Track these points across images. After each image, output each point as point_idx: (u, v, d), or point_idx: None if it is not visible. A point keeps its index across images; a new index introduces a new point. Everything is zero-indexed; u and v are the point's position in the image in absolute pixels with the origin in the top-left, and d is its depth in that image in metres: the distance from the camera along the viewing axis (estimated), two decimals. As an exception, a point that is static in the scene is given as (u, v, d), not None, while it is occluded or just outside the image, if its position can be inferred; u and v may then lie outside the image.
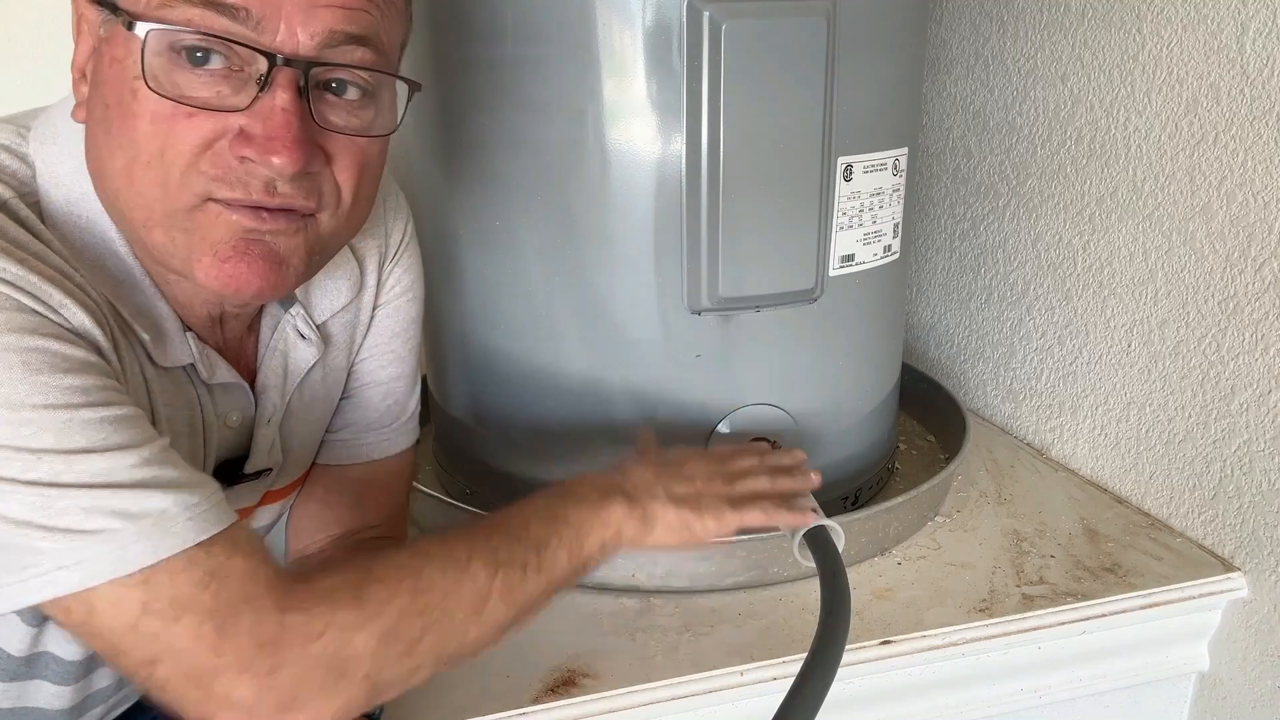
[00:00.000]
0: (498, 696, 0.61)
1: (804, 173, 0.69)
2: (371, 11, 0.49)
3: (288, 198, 0.48)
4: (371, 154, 0.52)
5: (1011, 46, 0.94)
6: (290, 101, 0.46)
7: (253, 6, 0.45)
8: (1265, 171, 0.70)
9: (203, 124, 0.46)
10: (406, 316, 0.68)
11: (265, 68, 0.46)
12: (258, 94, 0.46)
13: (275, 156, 0.46)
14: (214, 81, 0.46)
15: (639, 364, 0.72)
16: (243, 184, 0.47)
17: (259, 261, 0.49)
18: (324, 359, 0.63)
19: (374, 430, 0.68)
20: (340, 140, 0.50)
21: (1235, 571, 0.74)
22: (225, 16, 0.45)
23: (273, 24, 0.46)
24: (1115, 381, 0.86)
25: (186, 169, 0.46)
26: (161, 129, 0.46)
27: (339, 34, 0.47)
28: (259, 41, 0.46)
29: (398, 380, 0.68)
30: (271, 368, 0.60)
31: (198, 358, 0.53)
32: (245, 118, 0.46)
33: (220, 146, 0.46)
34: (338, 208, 0.51)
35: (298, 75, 0.46)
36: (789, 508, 0.63)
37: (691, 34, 0.64)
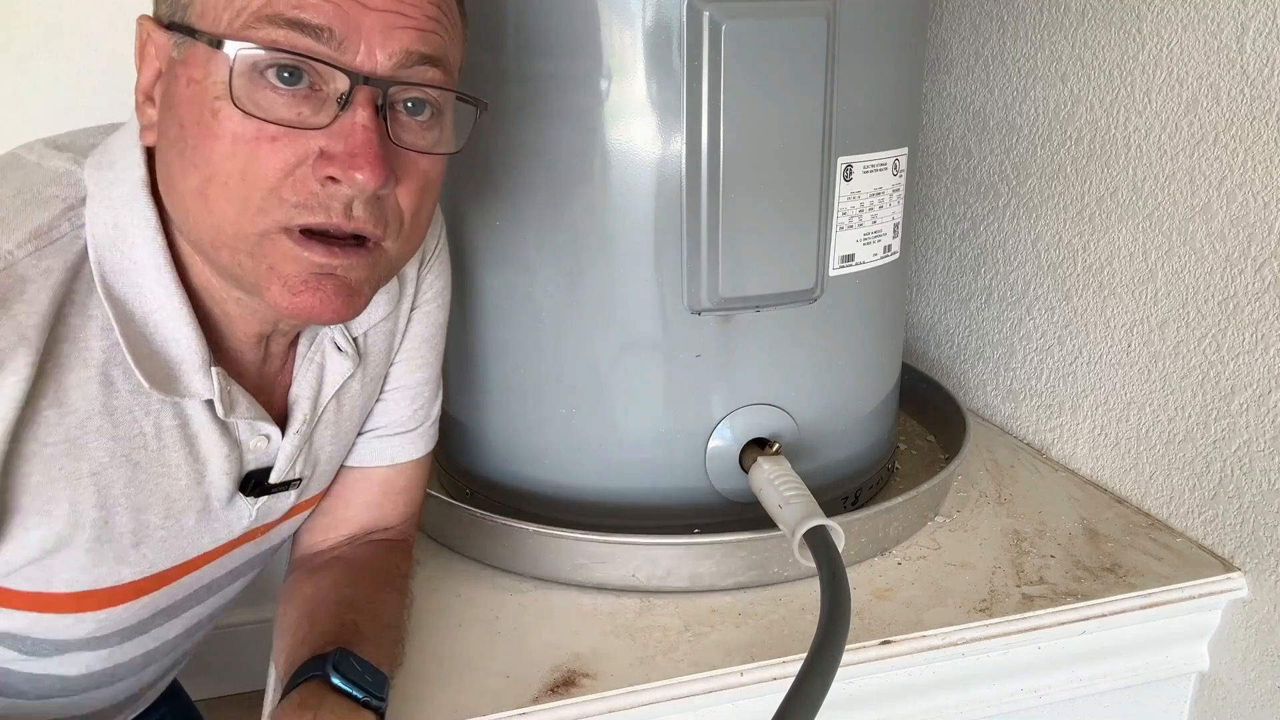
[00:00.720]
0: (498, 696, 0.61)
1: (804, 173, 0.69)
2: (441, 33, 0.51)
3: (360, 222, 0.49)
4: (433, 175, 0.53)
5: (1011, 46, 0.94)
6: (370, 119, 0.47)
7: (336, 27, 0.46)
8: (1265, 171, 0.70)
9: (285, 148, 0.47)
10: (436, 322, 0.68)
11: (346, 87, 0.47)
12: (338, 113, 0.47)
13: (359, 172, 0.47)
14: (295, 102, 0.47)
15: (639, 364, 0.72)
16: (324, 208, 0.48)
17: (332, 295, 0.50)
18: (363, 370, 0.64)
19: (399, 434, 0.68)
20: (407, 161, 0.51)
21: (1235, 571, 0.74)
22: (309, 37, 0.46)
23: (354, 44, 0.47)
24: (1115, 381, 0.86)
25: (268, 194, 0.47)
26: (243, 150, 0.46)
27: (414, 54, 0.49)
28: (341, 61, 0.47)
29: (424, 385, 0.69)
30: (306, 379, 0.60)
31: (217, 394, 0.54)
32: (325, 138, 0.47)
33: (302, 172, 0.47)
34: (400, 232, 0.52)
35: (376, 94, 0.48)
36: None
37: (691, 34, 0.64)
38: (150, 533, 0.55)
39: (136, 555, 0.55)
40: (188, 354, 0.52)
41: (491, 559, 0.76)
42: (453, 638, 0.67)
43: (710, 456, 0.74)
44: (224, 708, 1.41)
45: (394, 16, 0.48)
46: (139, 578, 0.55)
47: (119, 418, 0.51)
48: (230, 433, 0.56)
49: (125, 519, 0.53)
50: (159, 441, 0.53)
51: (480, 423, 0.80)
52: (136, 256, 0.51)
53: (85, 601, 0.54)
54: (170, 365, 0.52)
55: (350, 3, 0.47)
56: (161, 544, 0.56)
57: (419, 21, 0.49)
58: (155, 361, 0.51)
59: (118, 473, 0.52)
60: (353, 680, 0.54)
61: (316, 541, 0.69)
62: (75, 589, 0.53)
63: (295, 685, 0.54)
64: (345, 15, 0.47)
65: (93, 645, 0.57)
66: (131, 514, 0.53)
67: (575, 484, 0.76)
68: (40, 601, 0.53)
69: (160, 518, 0.55)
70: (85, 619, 0.55)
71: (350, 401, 0.64)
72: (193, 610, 0.63)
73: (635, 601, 0.71)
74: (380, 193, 0.49)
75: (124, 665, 0.60)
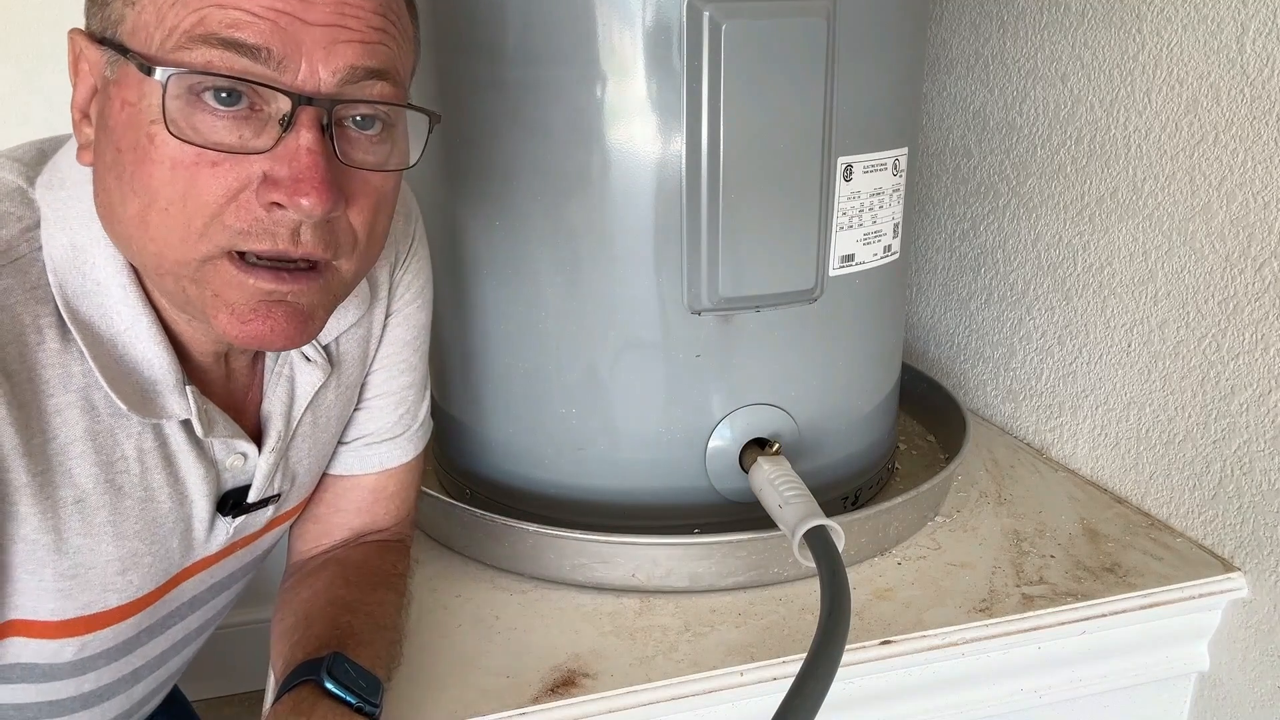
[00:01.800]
0: (497, 696, 0.61)
1: (804, 173, 0.69)
2: (388, 43, 0.48)
3: (309, 247, 0.47)
4: (386, 190, 0.51)
5: (1011, 46, 0.94)
6: (315, 141, 0.45)
7: (274, 46, 0.44)
8: (1265, 171, 0.70)
9: (227, 173, 0.45)
10: (417, 323, 0.67)
11: (288, 108, 0.45)
12: (281, 135, 0.45)
13: (304, 198, 0.45)
14: (235, 124, 0.45)
15: (639, 364, 0.72)
16: (270, 234, 0.46)
17: (282, 321, 0.48)
18: (337, 378, 0.62)
19: (386, 440, 0.67)
20: (357, 180, 0.48)
21: (1235, 571, 0.74)
22: (247, 57, 0.44)
23: (294, 63, 0.45)
24: (1115, 381, 0.86)
25: (210, 220, 0.45)
26: (182, 176, 0.44)
27: (360, 69, 0.46)
28: (280, 81, 0.45)
29: (409, 389, 0.68)
30: (277, 395, 0.59)
31: (195, 414, 0.52)
32: (269, 161, 0.45)
33: (245, 197, 0.45)
34: (354, 250, 0.50)
35: (321, 114, 0.45)
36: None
37: (691, 34, 0.64)
38: (137, 559, 0.54)
39: (123, 581, 0.54)
40: (161, 374, 0.51)
41: (491, 559, 0.76)
42: (453, 638, 0.67)
43: (710, 456, 0.74)
44: (223, 708, 1.41)
45: (336, 30, 0.45)
46: (124, 603, 0.55)
47: (101, 442, 0.50)
48: (207, 453, 0.55)
49: (110, 546, 0.52)
50: (141, 465, 0.52)
51: (480, 423, 0.80)
52: (99, 278, 0.49)
53: (72, 628, 0.53)
54: (144, 387, 0.51)
55: (289, 19, 0.44)
56: (148, 569, 0.55)
57: (363, 34, 0.46)
58: (129, 383, 0.50)
59: (101, 499, 0.51)
60: (346, 685, 0.53)
61: (310, 547, 0.68)
62: (61, 617, 0.52)
63: (289, 689, 0.54)
64: (284, 33, 0.44)
65: (79, 669, 0.56)
66: (117, 541, 0.52)
67: (575, 484, 0.76)
68: (27, 629, 0.52)
69: (146, 544, 0.54)
70: (70, 644, 0.54)
71: (326, 412, 0.63)
72: (177, 626, 0.62)
73: (635, 601, 0.71)
74: (330, 215, 0.47)
75: (111, 685, 0.59)
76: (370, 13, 0.47)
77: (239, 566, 0.65)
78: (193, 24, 0.44)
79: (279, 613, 0.64)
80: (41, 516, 0.49)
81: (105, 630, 0.55)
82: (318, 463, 0.65)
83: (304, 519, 0.68)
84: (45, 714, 0.58)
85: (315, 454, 0.64)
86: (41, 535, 0.49)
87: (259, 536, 0.63)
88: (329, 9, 0.45)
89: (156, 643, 0.61)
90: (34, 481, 0.48)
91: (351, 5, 0.46)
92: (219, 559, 0.61)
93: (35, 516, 0.49)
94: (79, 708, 0.59)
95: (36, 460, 0.48)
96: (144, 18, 0.45)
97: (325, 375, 0.60)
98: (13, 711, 0.56)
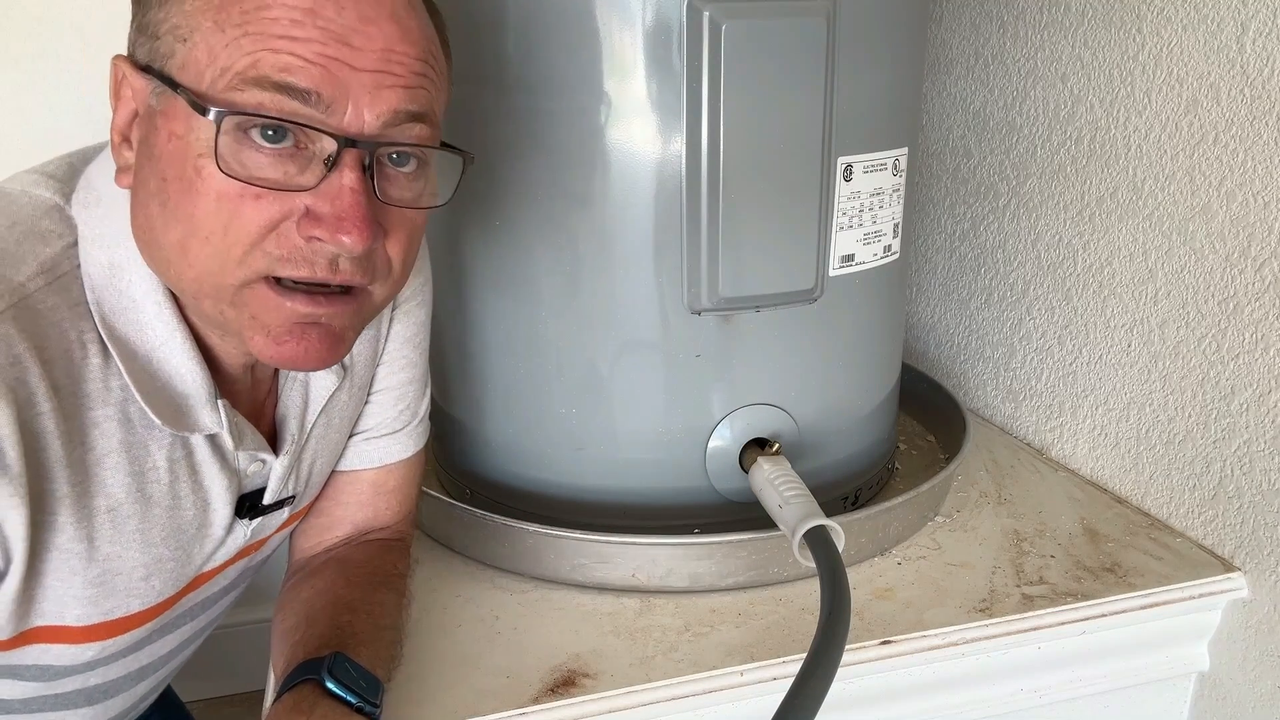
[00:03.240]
0: (497, 696, 0.61)
1: (804, 173, 0.69)
2: (428, 88, 0.50)
3: (347, 275, 0.49)
4: (419, 221, 0.53)
5: (1011, 46, 0.94)
6: (358, 181, 0.47)
7: (324, 90, 0.46)
8: (1265, 171, 0.70)
9: (270, 205, 0.46)
10: (417, 320, 0.68)
11: (334, 149, 0.46)
12: (325, 174, 0.47)
13: (346, 236, 0.46)
14: (280, 160, 0.46)
15: (639, 364, 0.72)
16: (308, 262, 0.47)
17: (317, 343, 0.49)
18: (349, 380, 0.64)
19: (387, 435, 0.68)
20: (395, 214, 0.50)
21: (1235, 571, 0.74)
22: (297, 100, 0.45)
23: (341, 106, 0.46)
24: (1115, 381, 0.86)
25: (250, 248, 0.47)
26: (227, 208, 0.46)
27: (402, 113, 0.48)
28: (327, 124, 0.46)
29: (409, 385, 0.68)
30: (292, 399, 0.60)
31: (226, 428, 0.54)
32: (312, 198, 0.47)
33: (286, 227, 0.47)
34: (389, 278, 0.52)
35: (364, 155, 0.47)
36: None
37: (691, 34, 0.64)
38: (161, 565, 0.55)
39: (146, 587, 0.55)
40: (194, 389, 0.52)
41: (491, 559, 0.76)
42: (453, 638, 0.67)
43: (710, 456, 0.74)
44: (223, 708, 1.41)
45: (382, 76, 0.47)
46: (145, 607, 0.56)
47: (134, 453, 0.51)
48: (230, 462, 0.56)
49: (138, 553, 0.53)
50: (171, 475, 0.53)
51: (480, 423, 0.80)
52: (134, 295, 0.50)
53: (95, 633, 0.54)
54: (178, 401, 0.52)
55: (338, 64, 0.46)
56: (170, 574, 0.56)
57: (406, 80, 0.48)
58: (163, 398, 0.51)
59: (132, 509, 0.52)
60: (347, 685, 0.54)
61: (312, 545, 0.69)
62: (86, 623, 0.53)
63: (290, 687, 0.54)
64: (333, 78, 0.46)
65: (88, 666, 0.57)
66: (144, 548, 0.53)
67: (575, 484, 0.76)
68: (53, 634, 0.53)
69: (170, 550, 0.55)
70: (91, 648, 0.55)
71: (339, 413, 0.64)
72: (186, 626, 0.63)
73: (635, 601, 0.71)
74: (370, 250, 0.49)
75: (116, 681, 0.60)
76: (414, 59, 0.49)
77: (248, 567, 0.65)
78: (246, 66, 0.45)
79: (280, 612, 0.64)
80: (76, 525, 0.50)
81: (124, 634, 0.56)
82: (330, 463, 0.66)
83: (307, 517, 0.69)
84: (49, 707, 0.58)
85: (327, 455, 0.65)
86: (75, 544, 0.50)
87: (270, 538, 0.64)
88: (376, 56, 0.47)
89: (165, 641, 0.62)
90: (72, 492, 0.49)
91: (397, 53, 0.48)
92: (233, 561, 0.62)
93: (71, 526, 0.50)
94: (83, 703, 0.59)
95: (76, 471, 0.49)
96: (195, 54, 0.46)
97: (339, 380, 0.62)
98: (18, 705, 0.57)
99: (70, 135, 0.57)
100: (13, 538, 0.47)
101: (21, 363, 0.46)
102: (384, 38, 0.47)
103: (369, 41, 0.47)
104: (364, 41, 0.47)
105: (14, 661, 0.54)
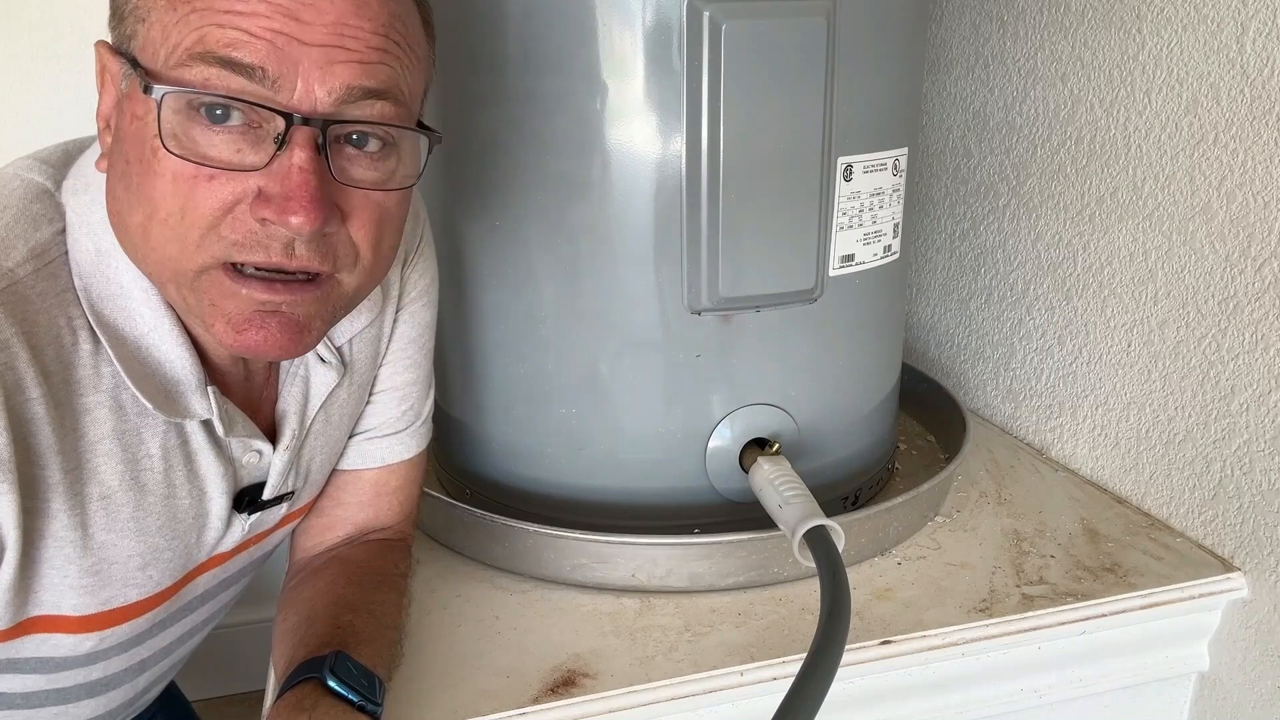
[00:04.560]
0: (497, 696, 0.61)
1: (804, 173, 0.69)
2: (391, 64, 0.48)
3: (304, 260, 0.48)
4: (390, 206, 0.51)
5: (1011, 46, 0.94)
6: (308, 160, 0.46)
7: (269, 65, 0.45)
8: (1265, 171, 0.70)
9: (223, 187, 0.46)
10: (422, 321, 0.68)
11: (283, 127, 0.45)
12: (275, 152, 0.46)
13: (293, 216, 0.45)
14: (232, 140, 0.46)
15: (639, 364, 0.72)
16: (263, 246, 0.47)
17: (277, 332, 0.49)
18: (350, 378, 0.63)
19: (390, 435, 0.68)
20: (356, 197, 0.49)
21: (1235, 571, 0.74)
22: (242, 76, 0.45)
23: (290, 82, 0.45)
24: (1115, 381, 0.86)
25: (206, 232, 0.46)
26: (182, 189, 0.45)
27: (357, 89, 0.47)
28: (275, 101, 0.45)
29: (413, 385, 0.68)
30: (292, 394, 0.60)
31: (216, 414, 0.53)
32: (263, 178, 0.46)
33: (240, 210, 0.46)
34: (356, 265, 0.51)
35: (316, 133, 0.46)
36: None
37: (691, 34, 0.64)
38: (157, 554, 0.55)
39: (143, 577, 0.55)
40: (183, 375, 0.52)
41: (491, 559, 0.76)
42: (453, 638, 0.67)
43: (710, 456, 0.74)
44: (223, 708, 1.41)
45: (334, 50, 0.46)
46: (143, 598, 0.56)
47: (127, 441, 0.51)
48: (225, 451, 0.56)
49: (133, 542, 0.53)
50: (165, 463, 0.53)
51: (480, 423, 0.80)
52: (122, 281, 0.50)
53: (93, 623, 0.54)
54: (168, 387, 0.52)
55: (285, 39, 0.44)
56: (167, 564, 0.56)
57: (362, 54, 0.47)
58: (153, 384, 0.51)
59: (126, 496, 0.52)
60: (349, 684, 0.54)
61: (313, 544, 0.69)
62: (84, 613, 0.53)
63: (291, 686, 0.54)
64: (280, 52, 0.44)
65: (90, 659, 0.57)
66: (139, 537, 0.53)
67: (575, 484, 0.76)
68: (51, 624, 0.53)
69: (166, 539, 0.55)
70: (89, 638, 0.55)
71: (339, 411, 0.64)
72: (187, 619, 0.63)
73: (635, 601, 0.71)
74: (324, 232, 0.48)
75: (118, 675, 0.60)
76: (370, 33, 0.47)
77: (249, 563, 0.65)
78: (193, 42, 0.45)
79: (282, 611, 0.64)
80: (70, 513, 0.50)
81: (123, 625, 0.56)
82: (329, 461, 0.66)
83: (307, 515, 0.69)
84: (51, 702, 0.58)
85: (327, 452, 0.65)
86: (69, 532, 0.50)
87: (270, 534, 0.64)
88: (326, 30, 0.46)
89: (166, 634, 0.62)
90: (65, 479, 0.49)
91: (350, 26, 0.46)
92: (231, 555, 0.62)
93: (64, 513, 0.50)
94: (84, 696, 0.59)
95: (68, 458, 0.49)
96: (152, 34, 0.46)
97: (339, 376, 0.62)
98: (20, 700, 0.57)
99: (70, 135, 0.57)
100: (5, 523, 0.47)
101: (10, 348, 0.46)
102: (335, 11, 0.46)
103: (319, 15, 0.45)
104: (314, 15, 0.45)
105: (13, 654, 0.54)
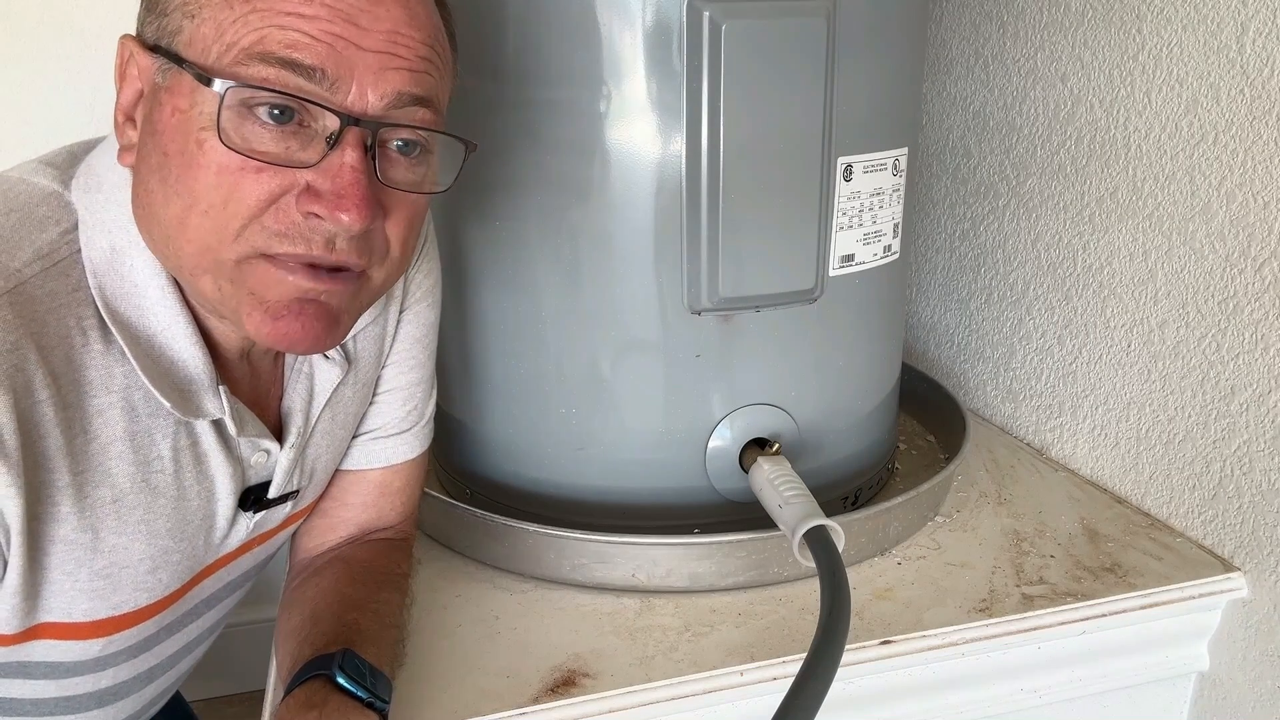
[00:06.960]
0: (497, 696, 0.61)
1: (804, 173, 0.69)
2: (432, 73, 0.50)
3: (344, 255, 0.49)
4: (420, 206, 0.53)
5: (1011, 46, 0.94)
6: (359, 160, 0.47)
7: (328, 67, 0.46)
8: (1265, 171, 0.70)
9: (270, 180, 0.46)
10: (426, 321, 0.68)
11: (336, 126, 0.47)
12: (327, 151, 0.47)
13: (344, 214, 0.47)
14: (283, 137, 0.47)
15: (639, 364, 0.72)
16: (304, 239, 0.47)
17: (313, 321, 0.49)
18: (354, 375, 0.63)
19: (394, 435, 0.68)
20: (395, 197, 0.51)
21: (1235, 571, 0.74)
22: (302, 76, 0.46)
23: (345, 85, 0.47)
24: (1115, 381, 0.86)
25: (247, 223, 0.47)
26: (227, 181, 0.46)
27: (405, 95, 0.49)
28: (332, 101, 0.47)
29: (417, 385, 0.69)
30: (297, 391, 0.60)
31: (227, 413, 0.54)
32: (312, 174, 0.47)
33: (285, 202, 0.47)
34: (386, 261, 0.52)
35: (366, 134, 0.47)
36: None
37: (691, 34, 0.64)
38: (167, 557, 0.55)
39: (153, 580, 0.55)
40: (197, 374, 0.52)
41: (491, 559, 0.76)
42: (453, 638, 0.67)
43: (710, 456, 0.74)
44: (224, 708, 1.41)
45: (387, 58, 0.48)
46: (152, 601, 0.56)
47: (139, 442, 0.51)
48: (234, 450, 0.56)
49: (143, 545, 0.53)
50: (175, 464, 0.53)
51: (480, 423, 0.80)
52: (137, 279, 0.50)
53: (102, 628, 0.54)
54: (181, 386, 0.52)
55: (344, 43, 0.46)
56: (176, 566, 0.56)
57: (411, 63, 0.49)
58: (169, 382, 0.51)
59: (137, 499, 0.52)
60: (358, 681, 0.54)
61: (316, 544, 0.69)
62: (93, 618, 0.53)
63: (299, 683, 0.54)
64: (339, 56, 0.46)
65: (99, 665, 0.57)
66: (149, 540, 0.53)
67: (575, 484, 0.76)
68: (59, 631, 0.53)
69: (176, 541, 0.55)
70: (96, 643, 0.55)
71: (344, 409, 0.64)
72: (193, 625, 0.63)
73: (635, 601, 0.71)
74: (368, 229, 0.49)
75: (127, 683, 0.60)
76: (420, 43, 0.49)
77: (253, 564, 0.65)
78: (252, 42, 0.45)
79: (285, 611, 0.64)
80: (80, 516, 0.50)
81: (131, 629, 0.56)
82: (334, 460, 0.66)
83: (309, 515, 0.69)
84: (61, 710, 0.58)
85: (332, 450, 0.65)
86: (79, 535, 0.50)
87: (274, 534, 0.64)
88: (382, 37, 0.47)
89: (172, 641, 0.62)
90: (74, 481, 0.49)
91: (403, 35, 0.48)
92: (236, 556, 0.62)
93: (74, 517, 0.50)
94: (94, 705, 0.59)
95: (78, 460, 0.49)
96: (203, 30, 0.46)
97: (343, 373, 0.62)
98: (30, 706, 0.57)
99: (71, 135, 0.57)
100: (11, 527, 0.47)
101: (19, 350, 0.46)
102: (391, 19, 0.48)
103: (376, 22, 0.47)
104: (371, 22, 0.47)
105: (22, 658, 0.54)
